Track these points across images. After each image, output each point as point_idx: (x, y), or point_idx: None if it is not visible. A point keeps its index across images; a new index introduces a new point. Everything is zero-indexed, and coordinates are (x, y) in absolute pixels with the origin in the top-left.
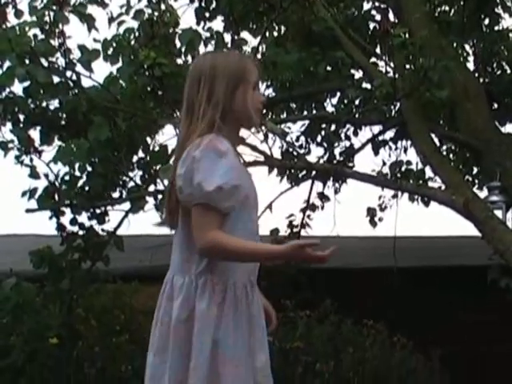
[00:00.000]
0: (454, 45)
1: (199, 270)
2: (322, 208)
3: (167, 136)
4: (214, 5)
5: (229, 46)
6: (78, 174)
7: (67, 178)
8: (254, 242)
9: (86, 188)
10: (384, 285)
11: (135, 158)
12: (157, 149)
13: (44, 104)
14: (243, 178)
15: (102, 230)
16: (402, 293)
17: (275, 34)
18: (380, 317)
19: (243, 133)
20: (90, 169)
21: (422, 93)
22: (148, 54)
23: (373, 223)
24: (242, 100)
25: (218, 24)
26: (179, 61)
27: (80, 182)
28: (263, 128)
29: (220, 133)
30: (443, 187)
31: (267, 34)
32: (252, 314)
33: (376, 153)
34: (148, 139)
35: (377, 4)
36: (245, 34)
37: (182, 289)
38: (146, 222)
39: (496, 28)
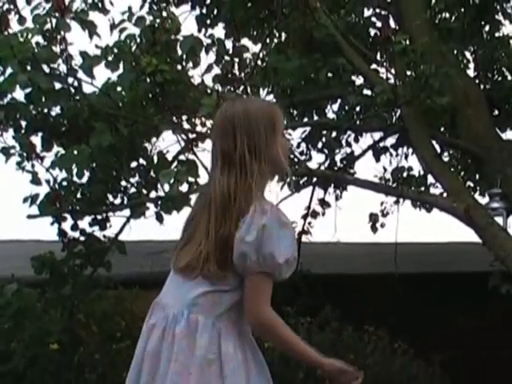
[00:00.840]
0: (455, 51)
1: (219, 314)
2: (323, 214)
3: (168, 142)
4: (215, 12)
5: (230, 52)
6: (75, 179)
7: (65, 183)
8: None
9: (88, 194)
10: (385, 291)
11: (136, 164)
12: (156, 156)
13: (46, 110)
14: None
15: (104, 235)
16: (403, 299)
17: (276, 40)
18: (381, 323)
19: None
20: (91, 175)
21: (423, 99)
22: (150, 60)
23: (374, 229)
24: (276, 149)
25: (219, 31)
26: (180, 67)
27: (81, 188)
28: None
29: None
30: (444, 194)
31: (268, 40)
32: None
33: (377, 159)
34: (148, 145)
35: (377, 11)
36: (246, 41)
37: (205, 329)
38: (147, 228)
39: (496, 34)
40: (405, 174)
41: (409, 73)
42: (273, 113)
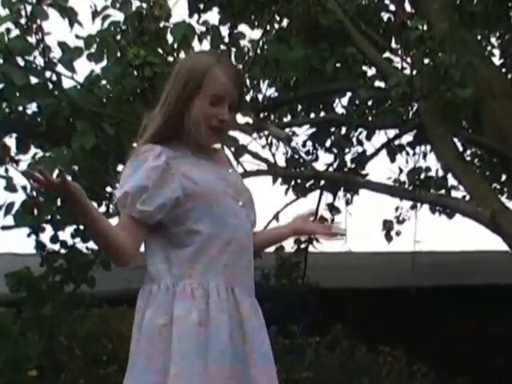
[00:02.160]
0: (478, 38)
1: (177, 276)
2: (332, 221)
3: None
4: None
5: (226, 40)
6: None
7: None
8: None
9: None
10: (402, 306)
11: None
12: None
13: (21, 108)
14: (169, 178)
15: (87, 248)
16: (422, 315)
17: (278, 27)
18: (398, 342)
19: (244, 139)
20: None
21: (443, 92)
22: (137, 52)
23: (388, 237)
24: (194, 113)
25: (213, 16)
26: (171, 59)
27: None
28: (266, 132)
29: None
30: (467, 197)
31: (269, 27)
32: (243, 318)
33: (392, 159)
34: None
35: None
36: (244, 28)
37: (156, 296)
38: None
39: None
40: (422, 176)
41: (427, 62)
42: (205, 70)
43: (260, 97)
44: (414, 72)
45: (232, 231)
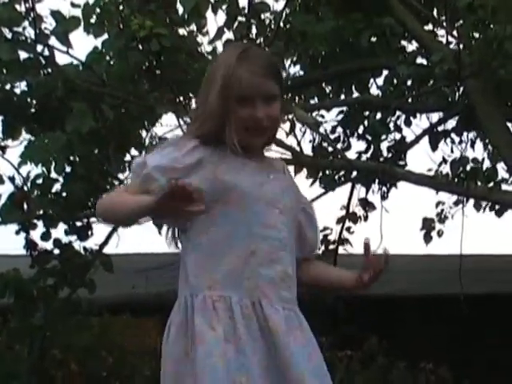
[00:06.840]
0: None
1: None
2: (366, 218)
3: (167, 127)
4: None
5: (245, 11)
6: (54, 175)
7: (39, 181)
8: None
9: (64, 194)
10: (447, 317)
11: (126, 156)
12: (152, 145)
13: (8, 87)
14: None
15: (84, 247)
16: (470, 327)
17: None
18: (442, 359)
19: None
20: (68, 169)
21: (495, 70)
22: (143, 22)
23: (427, 239)
24: (232, 118)
25: None
26: (182, 31)
27: (56, 187)
28: (290, 116)
29: None
30: None
31: None
32: (274, 334)
33: (434, 147)
34: (141, 131)
35: None
36: None
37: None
38: (141, 238)
39: None
40: (469, 167)
41: (477, 35)
42: (227, 73)
43: (283, 75)
44: (462, 46)
45: (257, 241)
